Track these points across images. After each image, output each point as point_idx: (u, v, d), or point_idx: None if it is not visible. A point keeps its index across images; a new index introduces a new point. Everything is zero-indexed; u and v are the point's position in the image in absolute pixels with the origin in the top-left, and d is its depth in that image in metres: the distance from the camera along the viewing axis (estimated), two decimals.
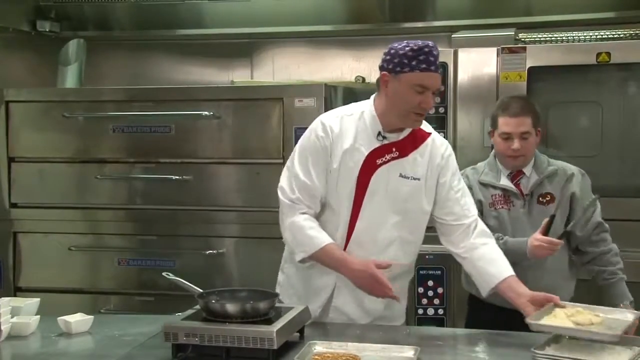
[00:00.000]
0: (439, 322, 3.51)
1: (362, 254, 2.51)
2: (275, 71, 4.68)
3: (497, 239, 2.69)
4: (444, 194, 2.58)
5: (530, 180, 2.84)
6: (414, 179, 2.53)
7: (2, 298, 2.50)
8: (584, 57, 3.45)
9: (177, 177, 3.73)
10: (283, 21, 4.45)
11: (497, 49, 3.51)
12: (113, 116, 3.80)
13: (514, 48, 3.51)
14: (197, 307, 2.36)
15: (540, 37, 3.70)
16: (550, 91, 3.63)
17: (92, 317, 2.57)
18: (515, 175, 2.86)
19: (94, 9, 4.60)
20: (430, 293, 3.55)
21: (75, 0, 4.45)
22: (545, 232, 2.69)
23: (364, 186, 2.50)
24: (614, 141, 3.55)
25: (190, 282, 2.46)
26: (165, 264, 3.73)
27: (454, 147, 3.54)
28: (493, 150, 2.94)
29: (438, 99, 3.54)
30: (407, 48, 2.43)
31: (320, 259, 2.53)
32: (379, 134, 2.52)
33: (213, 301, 2.30)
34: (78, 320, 2.53)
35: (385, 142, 2.52)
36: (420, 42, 2.44)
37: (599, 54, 3.42)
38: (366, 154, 2.51)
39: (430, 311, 3.55)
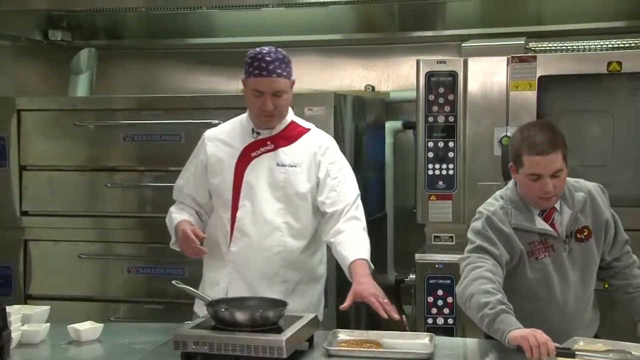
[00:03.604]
0: (448, 331, 3.49)
1: (247, 240, 2.73)
2: None
3: (491, 306, 2.25)
4: (322, 179, 2.76)
5: (564, 216, 2.47)
6: (291, 166, 2.74)
7: (13, 306, 2.51)
8: (595, 66, 3.44)
9: None
10: (293, 30, 4.46)
11: (507, 58, 3.50)
12: (123, 125, 3.82)
13: (524, 57, 3.50)
14: (207, 315, 2.36)
15: (550, 46, 3.69)
16: (561, 100, 3.62)
17: (101, 325, 2.58)
18: (549, 214, 2.46)
19: (105, 18, 4.63)
20: (440, 302, 3.53)
21: (86, 10, 4.47)
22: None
23: (240, 177, 2.74)
24: (625, 151, 3.53)
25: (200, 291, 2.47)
26: (175, 272, 3.73)
27: (464, 157, 3.56)
28: (512, 186, 2.53)
29: (448, 108, 3.54)
30: (250, 55, 2.70)
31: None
32: (253, 130, 2.77)
33: (222, 309, 2.30)
34: (88, 328, 2.53)
35: (260, 137, 2.77)
36: (259, 49, 2.70)
37: (609, 63, 3.40)
38: (241, 149, 2.76)
39: (440, 320, 3.53)
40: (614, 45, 3.60)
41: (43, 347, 2.48)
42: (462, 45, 3.74)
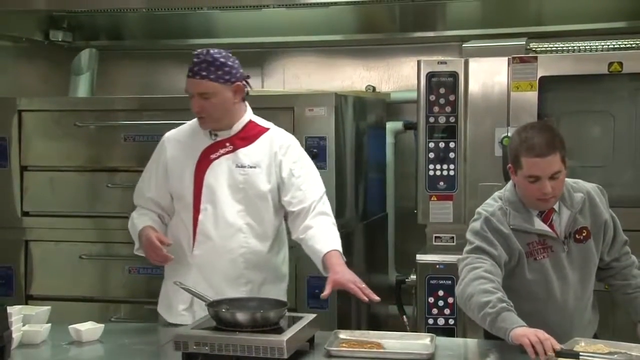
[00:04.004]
0: (449, 332, 3.49)
1: (210, 243, 2.74)
2: (286, 80, 4.69)
3: (491, 306, 2.27)
4: (287, 179, 2.77)
5: (563, 217, 2.48)
6: (251, 167, 2.75)
7: (14, 306, 2.52)
8: (596, 66, 3.44)
9: None
10: (294, 31, 4.46)
11: (508, 59, 3.50)
12: (124, 125, 3.82)
13: (525, 57, 3.50)
14: (207, 315, 2.36)
15: (551, 47, 3.69)
16: (562, 101, 3.62)
17: (102, 325, 2.58)
18: (547, 215, 2.48)
19: (106, 19, 4.63)
20: (441, 303, 3.53)
21: (87, 11, 4.48)
22: None
23: (201, 180, 2.74)
24: (626, 151, 3.53)
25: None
26: None
27: (464, 157, 3.56)
28: (510, 187, 2.55)
29: (449, 109, 3.54)
30: None
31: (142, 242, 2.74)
32: (211, 132, 2.77)
33: (223, 310, 2.31)
34: (89, 328, 2.54)
35: (218, 139, 2.77)
36: (199, 50, 2.74)
37: (610, 64, 3.40)
38: (200, 151, 2.76)
39: (441, 321, 3.53)
40: (615, 46, 3.60)
41: (44, 348, 2.48)
42: (463, 45, 3.74)
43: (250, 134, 2.80)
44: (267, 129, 2.85)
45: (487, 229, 2.46)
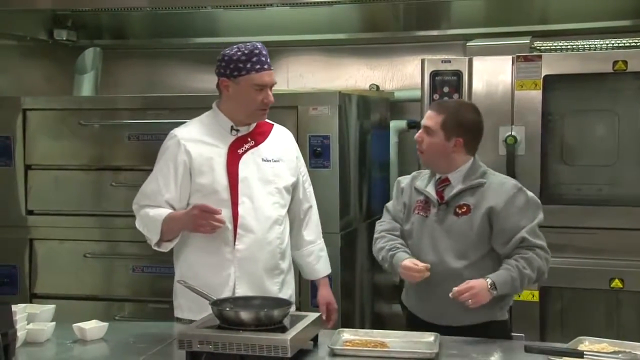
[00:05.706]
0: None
1: (252, 236, 2.76)
2: (289, 79, 4.69)
3: (393, 248, 2.73)
4: (300, 177, 2.93)
5: (453, 190, 2.68)
6: (275, 160, 2.84)
7: (18, 305, 2.52)
8: (600, 65, 3.43)
9: None
10: (297, 29, 4.46)
11: (512, 57, 3.50)
12: (128, 124, 3.82)
13: (530, 56, 3.50)
14: (211, 314, 2.36)
15: (556, 46, 3.68)
16: (566, 100, 3.61)
17: (106, 324, 2.59)
18: (441, 183, 2.72)
19: (110, 18, 4.64)
20: None
21: (91, 10, 4.48)
22: None
23: (235, 174, 2.76)
24: (631, 150, 3.52)
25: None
26: None
27: None
28: None
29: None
30: (239, 53, 2.75)
31: (170, 229, 2.76)
32: (232, 128, 2.80)
33: (227, 309, 2.31)
34: (93, 327, 2.54)
35: (240, 134, 2.81)
36: (249, 45, 2.76)
37: (615, 63, 3.40)
38: (227, 146, 2.78)
39: None
40: (620, 45, 3.59)
41: (48, 346, 2.49)
42: (467, 44, 3.74)
43: (263, 130, 2.87)
44: (272, 124, 2.93)
45: (396, 189, 2.90)
